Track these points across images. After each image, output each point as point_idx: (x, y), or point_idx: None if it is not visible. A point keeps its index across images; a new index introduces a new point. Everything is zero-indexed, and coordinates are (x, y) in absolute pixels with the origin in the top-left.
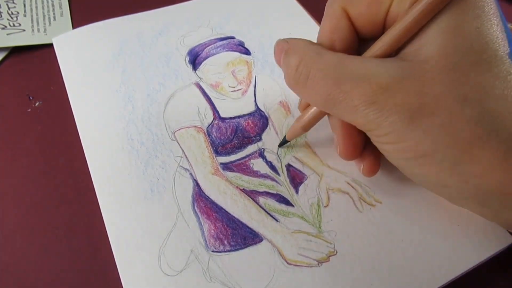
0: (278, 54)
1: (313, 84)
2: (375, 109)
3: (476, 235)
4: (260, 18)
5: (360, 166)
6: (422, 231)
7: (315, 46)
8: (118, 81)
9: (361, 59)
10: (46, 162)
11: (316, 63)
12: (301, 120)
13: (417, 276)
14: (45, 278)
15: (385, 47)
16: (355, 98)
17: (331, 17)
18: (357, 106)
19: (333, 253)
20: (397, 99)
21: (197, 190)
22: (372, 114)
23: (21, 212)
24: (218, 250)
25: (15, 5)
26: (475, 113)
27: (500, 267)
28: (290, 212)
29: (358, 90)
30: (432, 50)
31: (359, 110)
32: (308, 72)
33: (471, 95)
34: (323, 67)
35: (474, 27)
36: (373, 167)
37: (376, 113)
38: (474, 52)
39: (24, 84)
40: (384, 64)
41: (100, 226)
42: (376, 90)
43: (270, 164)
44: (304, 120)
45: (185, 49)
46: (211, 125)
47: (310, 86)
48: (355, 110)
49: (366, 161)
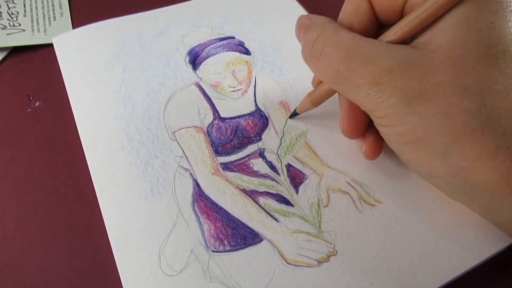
0: (299, 29)
1: (325, 59)
2: (377, 90)
3: (476, 235)
4: (260, 18)
5: (362, 147)
6: (422, 231)
7: (334, 24)
8: (118, 81)
9: (374, 41)
10: (46, 162)
11: (332, 39)
12: (312, 94)
13: (417, 276)
14: (45, 278)
15: (400, 34)
16: (360, 78)
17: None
18: (361, 85)
19: (333, 253)
20: (398, 83)
21: (197, 190)
22: (373, 95)
23: (21, 212)
24: (218, 250)
25: (15, 5)
26: (473, 105)
27: (500, 267)
28: (290, 212)
29: (365, 70)
30: (442, 41)
31: (363, 89)
32: (323, 47)
33: (472, 87)
34: (337, 44)
35: (488, 21)
36: (375, 149)
37: (377, 94)
38: (483, 45)
39: (24, 84)
40: (394, 49)
41: (100, 226)
42: (381, 71)
43: (270, 164)
44: (314, 95)
45: (185, 49)
46: (211, 125)
47: (323, 61)
48: (359, 89)
49: (368, 142)
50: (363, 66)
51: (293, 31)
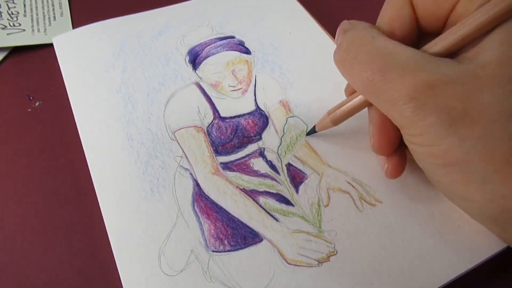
0: (338, 35)
1: (359, 66)
2: (414, 106)
3: (476, 235)
4: (260, 17)
5: (384, 165)
6: (422, 231)
7: (373, 30)
8: (118, 81)
9: (414, 51)
10: (46, 162)
11: (367, 45)
12: (333, 113)
13: (417, 276)
14: (45, 278)
15: (445, 46)
16: (396, 90)
17: (395, 2)
18: (396, 98)
19: (333, 253)
20: (439, 100)
21: (197, 190)
22: (409, 111)
23: (21, 212)
24: (218, 250)
25: (15, 5)
26: None
27: (500, 267)
28: (290, 212)
29: (401, 82)
30: (490, 58)
31: (397, 103)
32: (357, 53)
33: None
34: (373, 51)
35: None
36: (398, 169)
37: (414, 111)
38: None
39: (24, 84)
40: (437, 61)
41: (100, 226)
42: (420, 85)
43: (270, 164)
44: (336, 114)
45: (185, 49)
46: (211, 124)
47: (356, 68)
48: (394, 103)
49: (392, 161)
50: (400, 77)
51: (293, 30)
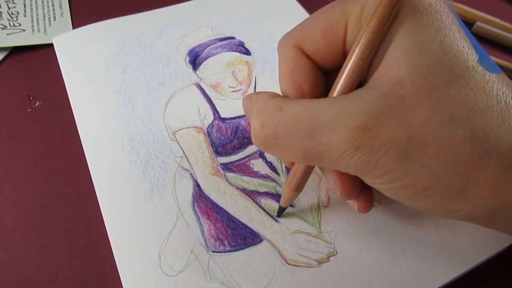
0: (247, 113)
1: (285, 142)
2: (362, 155)
3: (476, 235)
4: (260, 18)
5: (354, 205)
6: (422, 231)
7: (276, 101)
8: (118, 81)
9: (329, 102)
10: (46, 162)
11: (280, 120)
12: (292, 182)
13: (417, 276)
14: (45, 278)
15: (349, 81)
16: (336, 148)
17: (287, 59)
18: (341, 155)
19: (333, 253)
20: (381, 138)
21: (197, 190)
22: (360, 161)
23: (21, 212)
24: (218, 250)
25: (15, 5)
26: (468, 133)
27: (500, 267)
28: (290, 213)
29: (337, 139)
30: (402, 72)
31: (344, 159)
32: (274, 132)
33: (457, 114)
34: (290, 123)
35: (438, 41)
36: (368, 205)
37: (364, 159)
38: (446, 68)
39: (24, 84)
40: (355, 102)
41: (100, 226)
42: (356, 134)
43: (270, 165)
44: (294, 180)
45: (185, 49)
46: (211, 125)
47: (283, 146)
48: (340, 160)
49: (361, 200)
50: (332, 135)
51: None
